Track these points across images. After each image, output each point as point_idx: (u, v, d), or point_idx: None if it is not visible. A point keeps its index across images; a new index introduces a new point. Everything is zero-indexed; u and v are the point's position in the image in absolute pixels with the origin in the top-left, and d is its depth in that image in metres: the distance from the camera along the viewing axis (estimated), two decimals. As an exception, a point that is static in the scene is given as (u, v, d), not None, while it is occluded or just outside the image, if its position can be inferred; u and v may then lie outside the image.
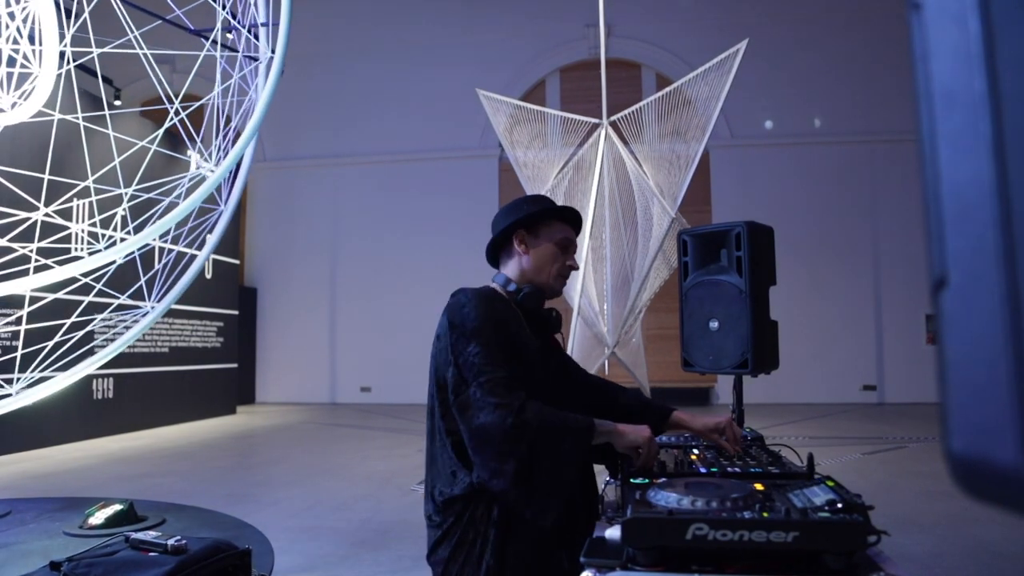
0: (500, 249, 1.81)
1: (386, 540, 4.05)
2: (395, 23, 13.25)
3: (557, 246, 1.75)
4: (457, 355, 1.54)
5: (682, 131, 8.02)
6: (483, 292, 1.67)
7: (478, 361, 1.51)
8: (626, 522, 1.07)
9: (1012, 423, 0.32)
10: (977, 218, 0.35)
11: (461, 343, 1.55)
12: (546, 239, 1.75)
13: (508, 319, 1.63)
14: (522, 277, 1.75)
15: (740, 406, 2.67)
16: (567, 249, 1.78)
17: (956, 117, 0.36)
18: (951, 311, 0.36)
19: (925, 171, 0.38)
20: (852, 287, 12.02)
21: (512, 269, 1.77)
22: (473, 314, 1.57)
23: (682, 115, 8.06)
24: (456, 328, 1.57)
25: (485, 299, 1.62)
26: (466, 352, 1.53)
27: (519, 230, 1.75)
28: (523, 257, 1.75)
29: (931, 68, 0.37)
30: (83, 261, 3.92)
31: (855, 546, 1.03)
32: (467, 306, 1.59)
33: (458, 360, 1.54)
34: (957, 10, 0.35)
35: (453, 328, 1.58)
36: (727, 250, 2.55)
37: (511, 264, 1.77)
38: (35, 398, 4.17)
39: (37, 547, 2.99)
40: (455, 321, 1.59)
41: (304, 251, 13.37)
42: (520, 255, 1.75)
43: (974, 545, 3.83)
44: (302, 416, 10.97)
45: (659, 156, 8.26)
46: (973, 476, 0.36)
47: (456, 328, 1.57)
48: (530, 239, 1.75)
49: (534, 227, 1.75)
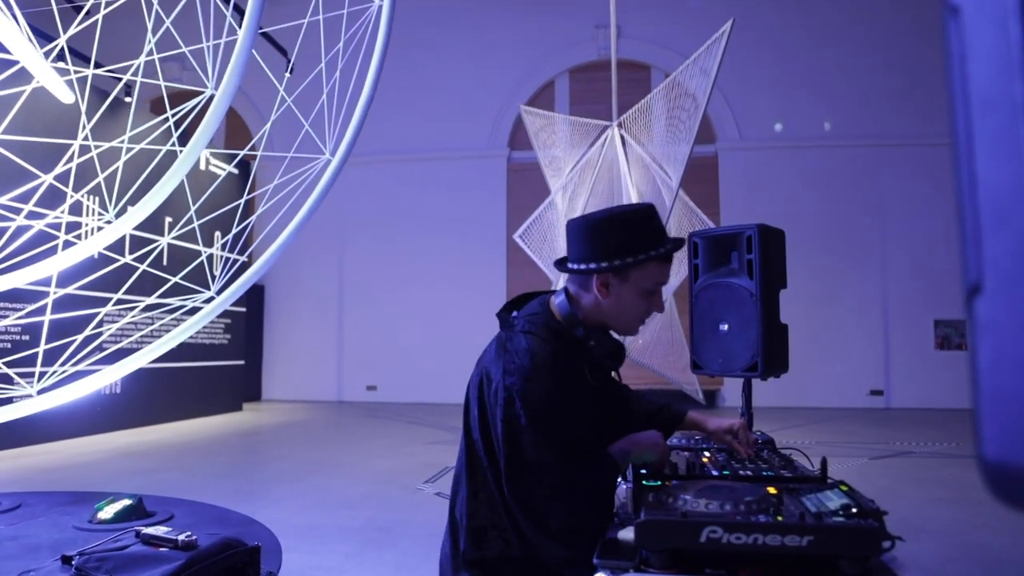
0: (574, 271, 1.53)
1: (392, 538, 4.06)
2: (404, 23, 13.23)
3: (645, 292, 1.49)
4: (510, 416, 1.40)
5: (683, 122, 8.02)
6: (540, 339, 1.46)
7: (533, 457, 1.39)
8: (640, 524, 1.07)
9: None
10: (1016, 224, 0.34)
11: (518, 419, 1.39)
12: (636, 283, 1.48)
13: (570, 383, 1.46)
14: (595, 316, 1.51)
15: (749, 409, 2.67)
16: (656, 292, 1.52)
17: (994, 122, 0.36)
18: (986, 317, 0.36)
19: (960, 176, 0.38)
20: (860, 291, 11.97)
21: (585, 302, 1.51)
22: (538, 393, 1.39)
23: (685, 109, 8.05)
24: (514, 400, 1.40)
25: (542, 352, 1.43)
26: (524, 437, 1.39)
27: (608, 273, 1.46)
28: (601, 301, 1.49)
29: (969, 72, 0.37)
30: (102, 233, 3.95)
31: (870, 551, 1.02)
32: (533, 379, 1.40)
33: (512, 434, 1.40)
34: (998, 14, 0.35)
35: (510, 399, 1.40)
36: (738, 253, 2.54)
37: (585, 297, 1.51)
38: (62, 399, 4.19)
39: (47, 540, 3.01)
40: (514, 387, 1.40)
41: (312, 249, 13.38)
42: (598, 297, 1.49)
43: (981, 553, 3.80)
44: (308, 414, 10.99)
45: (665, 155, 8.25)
46: (1007, 482, 0.36)
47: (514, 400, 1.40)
48: (615, 282, 1.47)
49: (625, 271, 1.47)
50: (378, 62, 5.11)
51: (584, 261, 1.48)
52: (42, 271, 3.95)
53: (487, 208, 13.00)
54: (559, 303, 1.53)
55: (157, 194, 4.06)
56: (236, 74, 3.98)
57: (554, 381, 1.42)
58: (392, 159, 13.27)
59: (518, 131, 13.17)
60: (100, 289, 6.36)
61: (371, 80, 5.22)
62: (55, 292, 4.47)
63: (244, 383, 11.73)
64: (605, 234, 1.46)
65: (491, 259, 12.75)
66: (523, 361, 1.41)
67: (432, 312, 12.53)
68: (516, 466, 1.39)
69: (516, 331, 1.50)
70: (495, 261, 12.75)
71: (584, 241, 1.48)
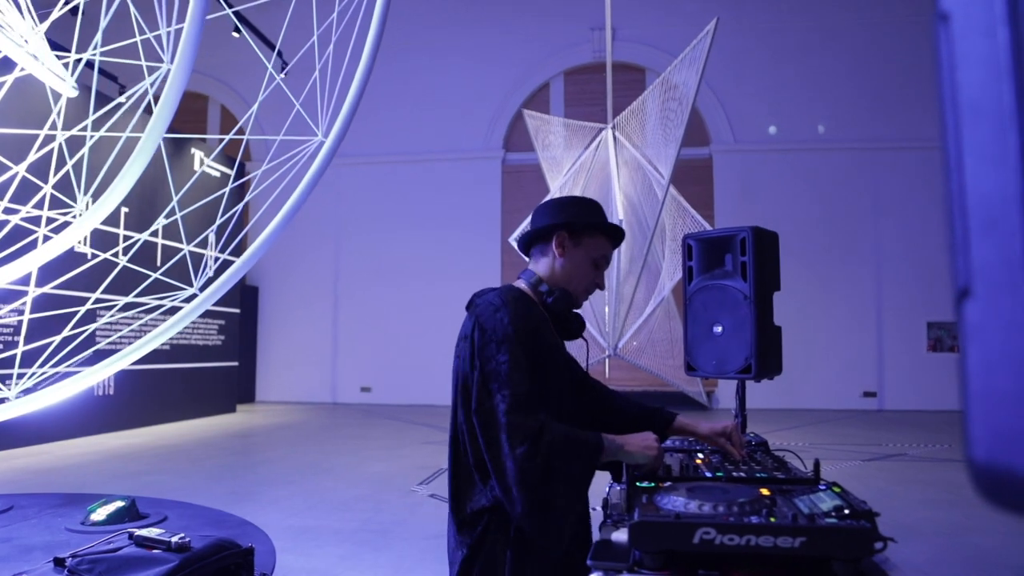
0: (536, 242, 1.73)
1: (387, 540, 4.05)
2: (400, 24, 13.25)
3: (593, 261, 1.70)
4: (484, 361, 1.50)
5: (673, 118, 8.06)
6: (515, 295, 1.61)
7: (505, 372, 1.47)
8: (633, 525, 1.07)
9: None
10: (1004, 229, 0.35)
11: (490, 349, 1.50)
12: (585, 250, 1.69)
13: (539, 326, 1.59)
14: (552, 279, 1.69)
15: (743, 411, 2.67)
16: (600, 266, 1.73)
17: (983, 128, 0.36)
18: (975, 320, 0.36)
19: (950, 181, 0.38)
20: (854, 294, 12.02)
21: (543, 267, 1.71)
22: (506, 320, 1.52)
23: (675, 102, 8.09)
24: (486, 332, 1.52)
25: (517, 304, 1.57)
26: (495, 360, 1.49)
27: (562, 231, 1.68)
28: (557, 260, 1.68)
29: (958, 78, 0.38)
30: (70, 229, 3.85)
31: (862, 552, 1.03)
32: (501, 311, 1.53)
33: (485, 367, 1.49)
34: (986, 21, 0.35)
35: (483, 332, 1.52)
36: (732, 255, 2.55)
37: (543, 262, 1.71)
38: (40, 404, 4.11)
39: (39, 542, 3.00)
40: (486, 325, 1.53)
41: (306, 250, 13.37)
42: (555, 256, 1.69)
43: (974, 554, 3.82)
44: (302, 415, 10.97)
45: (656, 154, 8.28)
46: (995, 484, 0.36)
47: (486, 332, 1.52)
48: (570, 244, 1.68)
49: (577, 234, 1.68)
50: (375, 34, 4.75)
51: (541, 224, 1.71)
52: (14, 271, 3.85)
53: (482, 209, 13.00)
54: (522, 274, 1.73)
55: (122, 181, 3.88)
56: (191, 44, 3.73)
57: (525, 314, 1.56)
58: (387, 160, 13.26)
59: (513, 133, 13.19)
60: (84, 288, 6.34)
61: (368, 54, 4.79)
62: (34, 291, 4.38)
63: (238, 384, 11.70)
64: (564, 205, 1.72)
65: (486, 260, 12.75)
66: (493, 302, 1.57)
67: (427, 313, 12.52)
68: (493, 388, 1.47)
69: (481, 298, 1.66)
70: (490, 262, 12.76)
71: (546, 214, 1.71)
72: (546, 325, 1.63)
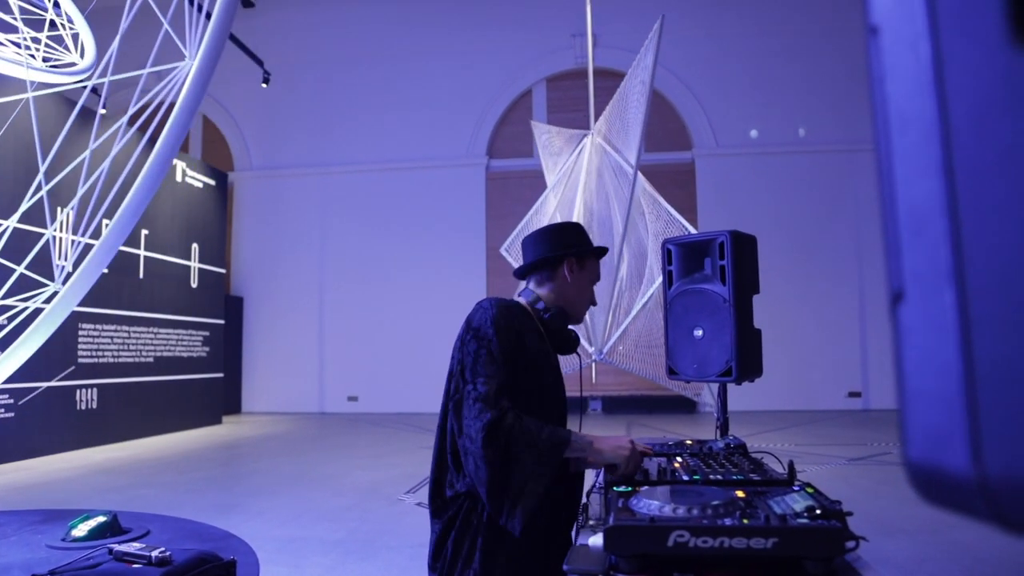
0: (539, 268, 1.87)
1: (373, 549, 4.04)
2: (382, 32, 13.28)
3: (591, 280, 1.90)
4: (465, 353, 1.63)
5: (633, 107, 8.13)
6: (508, 303, 1.75)
7: (480, 361, 1.59)
8: (608, 530, 1.08)
9: (962, 432, 0.34)
10: (930, 235, 0.36)
11: (471, 343, 1.63)
12: (587, 272, 1.88)
13: (524, 330, 1.71)
14: (555, 300, 1.84)
15: (725, 414, 2.69)
16: (594, 283, 1.94)
17: (910, 137, 0.37)
18: (907, 324, 0.38)
19: (882, 188, 0.39)
20: (836, 294, 12.12)
21: (546, 290, 1.85)
22: (489, 318, 1.66)
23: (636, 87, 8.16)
24: (471, 328, 1.66)
25: (506, 308, 1.71)
26: (473, 352, 1.62)
27: (571, 258, 1.84)
28: (567, 284, 1.84)
29: (887, 90, 0.39)
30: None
31: (834, 552, 1.04)
32: (489, 311, 1.68)
33: (464, 359, 1.62)
34: (910, 35, 0.37)
35: (468, 327, 1.67)
36: (711, 259, 2.57)
37: (547, 286, 1.85)
38: None
39: (17, 560, 2.96)
40: (473, 322, 1.68)
41: (291, 260, 13.32)
42: (565, 281, 1.84)
43: (955, 550, 3.86)
44: (289, 426, 10.90)
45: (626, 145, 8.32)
46: (928, 483, 0.37)
47: (471, 328, 1.66)
48: (576, 268, 1.85)
49: (582, 259, 1.87)
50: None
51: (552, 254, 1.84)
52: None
53: (466, 216, 13.01)
54: (522, 293, 1.87)
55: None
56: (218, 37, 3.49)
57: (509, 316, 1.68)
58: (371, 168, 13.24)
59: (496, 139, 13.22)
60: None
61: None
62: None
63: (223, 396, 11.61)
64: (566, 232, 1.88)
65: (471, 268, 12.75)
66: (484, 304, 1.71)
67: (413, 321, 12.50)
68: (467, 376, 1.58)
69: None
70: (475, 270, 12.76)
71: (547, 242, 1.86)
72: (534, 334, 1.75)
